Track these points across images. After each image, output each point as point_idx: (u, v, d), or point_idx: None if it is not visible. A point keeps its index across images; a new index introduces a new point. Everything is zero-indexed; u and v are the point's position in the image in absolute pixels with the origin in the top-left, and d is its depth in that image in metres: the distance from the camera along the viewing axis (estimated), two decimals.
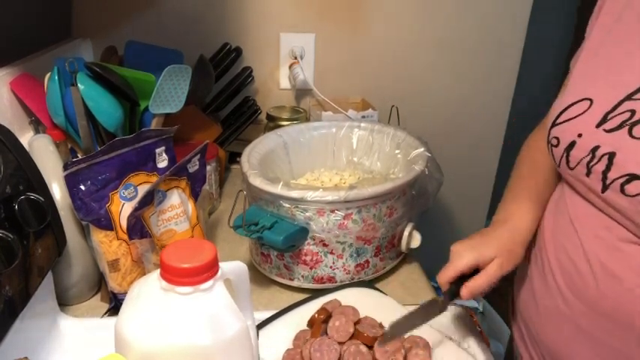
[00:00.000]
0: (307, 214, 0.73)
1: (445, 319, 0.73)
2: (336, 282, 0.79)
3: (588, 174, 0.55)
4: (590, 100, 0.57)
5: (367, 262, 0.79)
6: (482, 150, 1.43)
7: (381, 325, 0.66)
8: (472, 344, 0.68)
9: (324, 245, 0.76)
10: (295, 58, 1.26)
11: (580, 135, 0.57)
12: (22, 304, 0.58)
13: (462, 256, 0.65)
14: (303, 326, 0.68)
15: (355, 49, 1.28)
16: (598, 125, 0.55)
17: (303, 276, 0.79)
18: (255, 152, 0.87)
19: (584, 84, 0.60)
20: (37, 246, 0.61)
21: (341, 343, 0.62)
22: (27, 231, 0.59)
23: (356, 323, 0.65)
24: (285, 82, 1.30)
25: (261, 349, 0.58)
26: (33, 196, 0.61)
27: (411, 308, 0.66)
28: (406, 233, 0.82)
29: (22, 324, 0.59)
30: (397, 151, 0.92)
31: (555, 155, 0.61)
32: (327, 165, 0.99)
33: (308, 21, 1.24)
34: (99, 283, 0.77)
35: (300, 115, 1.13)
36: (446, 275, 0.66)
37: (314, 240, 0.75)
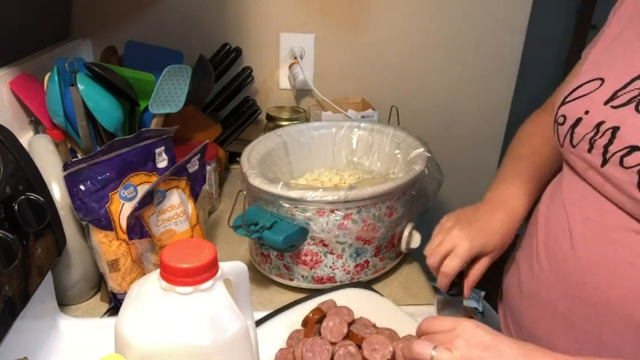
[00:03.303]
0: (307, 214, 0.73)
1: None
2: (335, 282, 0.79)
3: (590, 149, 0.55)
4: (602, 79, 0.57)
5: (367, 262, 0.79)
6: (482, 150, 1.43)
7: (374, 326, 0.66)
8: None
9: (324, 245, 0.76)
10: (295, 58, 1.26)
11: (587, 112, 0.56)
12: (21, 304, 0.58)
13: (466, 247, 0.64)
14: (298, 326, 0.68)
15: (355, 49, 1.28)
16: (606, 102, 0.55)
17: (302, 276, 0.79)
18: (255, 152, 0.87)
19: (598, 66, 0.60)
20: (37, 246, 0.61)
21: (333, 344, 0.61)
22: (27, 231, 0.59)
23: (350, 324, 0.64)
24: (284, 82, 1.30)
25: None
26: (33, 196, 0.61)
27: (409, 309, 0.66)
28: (406, 233, 0.82)
29: (21, 324, 0.59)
30: (397, 151, 0.92)
31: (560, 134, 0.60)
32: (326, 165, 0.99)
33: (308, 21, 1.24)
34: (99, 283, 0.77)
35: (299, 115, 1.13)
36: (453, 268, 0.65)
37: (314, 240, 0.75)
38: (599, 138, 0.54)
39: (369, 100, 1.27)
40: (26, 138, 0.76)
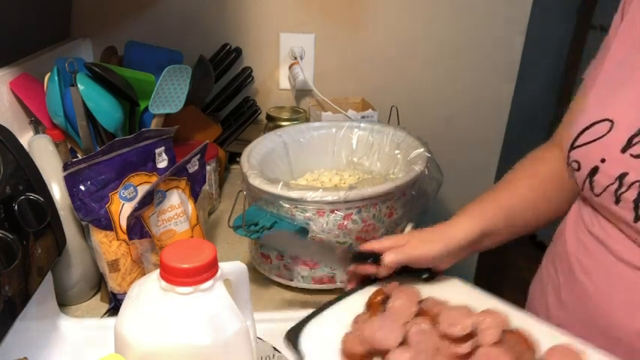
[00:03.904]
0: (307, 214, 0.73)
1: None
2: (335, 282, 0.79)
3: (617, 202, 0.53)
4: (611, 121, 0.54)
5: None
6: (482, 150, 1.43)
7: (445, 304, 0.59)
8: None
9: None
10: (295, 58, 1.26)
11: (603, 160, 0.54)
12: (21, 305, 0.58)
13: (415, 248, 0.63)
14: (361, 311, 0.62)
15: (355, 49, 1.28)
16: (623, 150, 0.52)
17: (302, 276, 0.79)
18: (255, 152, 0.87)
19: (605, 104, 0.57)
20: (37, 246, 0.61)
21: (404, 324, 0.55)
22: (27, 231, 0.59)
23: (419, 303, 0.59)
24: (284, 83, 1.30)
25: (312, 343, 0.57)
26: (33, 196, 0.61)
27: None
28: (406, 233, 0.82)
29: (21, 324, 0.59)
30: (397, 152, 0.92)
31: (578, 179, 0.59)
32: (326, 165, 0.99)
33: (308, 21, 1.24)
34: (99, 283, 0.77)
35: (299, 116, 1.13)
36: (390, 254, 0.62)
37: (314, 240, 0.75)
38: (626, 191, 0.52)
39: (369, 100, 1.27)
40: (26, 138, 0.76)
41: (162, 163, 0.76)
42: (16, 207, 0.58)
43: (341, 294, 0.67)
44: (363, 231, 0.75)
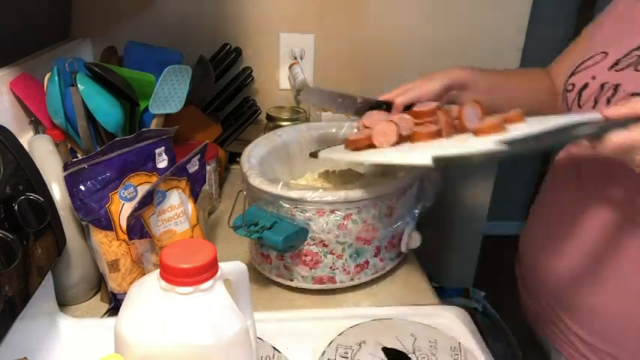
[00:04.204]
0: (307, 214, 0.73)
1: (445, 319, 0.73)
2: (335, 282, 0.79)
3: (595, 105, 0.64)
4: (606, 52, 0.66)
5: (367, 262, 0.79)
6: None
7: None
8: (472, 344, 0.68)
9: (324, 245, 0.76)
10: (295, 58, 1.26)
11: (594, 77, 0.66)
12: (21, 304, 0.58)
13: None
14: None
15: (355, 49, 1.28)
16: (610, 68, 0.64)
17: (302, 276, 0.79)
18: (255, 152, 0.87)
19: (602, 42, 0.70)
20: (37, 246, 0.61)
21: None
22: (27, 231, 0.59)
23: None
24: (285, 83, 1.30)
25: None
26: (33, 196, 0.61)
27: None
28: (406, 233, 0.82)
29: (21, 324, 0.59)
30: None
31: (568, 100, 0.70)
32: (327, 165, 0.99)
33: (308, 21, 1.24)
34: (99, 283, 0.77)
35: (300, 116, 1.13)
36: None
37: (314, 240, 0.75)
38: (603, 95, 0.62)
39: None
40: (26, 138, 0.76)
41: (163, 163, 0.76)
42: (16, 207, 0.58)
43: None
44: (363, 231, 0.75)
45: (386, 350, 0.66)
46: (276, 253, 0.78)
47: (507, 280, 0.84)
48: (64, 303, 0.74)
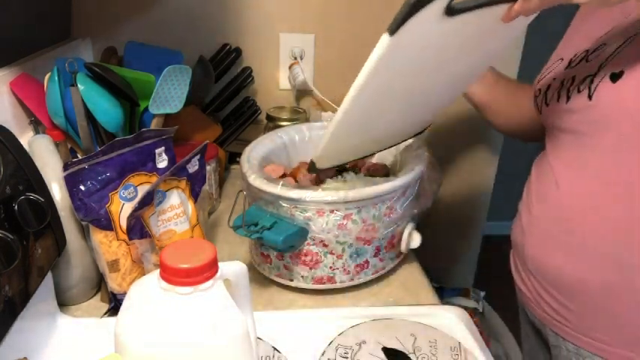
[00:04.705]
0: (307, 214, 0.73)
1: (445, 319, 0.73)
2: (335, 282, 0.79)
3: (558, 98, 0.71)
4: (562, 58, 0.75)
5: (367, 262, 0.79)
6: (482, 150, 1.43)
7: None
8: (472, 344, 0.68)
9: (324, 245, 0.76)
10: (295, 58, 1.26)
11: (554, 79, 0.74)
12: (21, 304, 0.58)
13: None
14: None
15: (355, 49, 1.28)
16: (566, 68, 0.72)
17: (302, 276, 0.79)
18: (255, 152, 0.87)
19: (561, 50, 0.79)
20: (37, 246, 0.61)
21: None
22: (27, 231, 0.59)
23: None
24: (284, 83, 1.30)
25: None
26: (33, 196, 0.61)
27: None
28: (406, 233, 0.82)
29: (21, 324, 0.59)
30: (397, 152, 0.92)
31: (538, 104, 0.78)
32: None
33: (308, 21, 1.24)
34: (99, 283, 0.77)
35: (299, 116, 1.13)
36: None
37: (314, 240, 0.75)
38: (563, 89, 0.70)
39: None
40: (26, 138, 0.76)
41: (163, 163, 0.76)
42: (16, 207, 0.58)
43: None
44: (363, 231, 0.75)
45: (386, 350, 0.66)
46: (276, 253, 0.78)
47: (507, 280, 0.84)
48: (64, 303, 0.74)
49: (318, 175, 0.86)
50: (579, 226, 0.68)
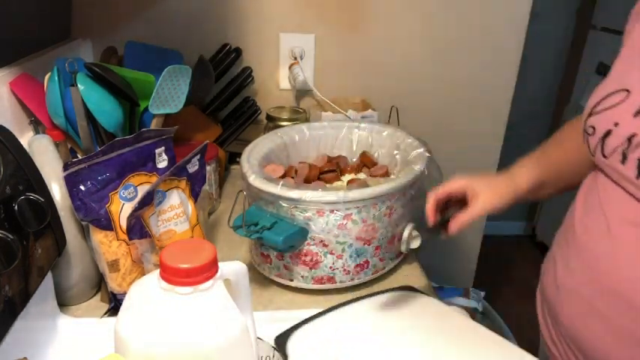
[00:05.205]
0: (307, 214, 0.73)
1: None
2: (335, 282, 0.79)
3: (624, 161, 0.56)
4: (628, 90, 0.58)
5: (367, 262, 0.79)
6: (482, 150, 1.43)
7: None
8: None
9: (324, 245, 0.76)
10: (295, 58, 1.26)
11: (617, 124, 0.57)
12: (21, 304, 0.58)
13: (454, 180, 0.71)
14: (348, 322, 0.71)
15: (355, 49, 1.28)
16: (635, 115, 0.56)
17: (302, 276, 0.79)
18: (255, 152, 0.87)
19: (623, 77, 0.60)
20: (37, 246, 0.61)
21: None
22: (27, 231, 0.59)
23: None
24: (284, 83, 1.30)
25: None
26: (33, 196, 0.61)
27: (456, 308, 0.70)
28: (406, 233, 0.82)
29: (21, 324, 0.59)
30: (396, 152, 0.92)
31: (590, 144, 0.62)
32: None
33: (308, 21, 1.24)
34: (99, 283, 0.77)
35: (299, 116, 1.13)
36: (436, 194, 0.70)
37: (314, 240, 0.75)
38: (632, 151, 0.55)
39: (369, 100, 1.27)
40: (26, 138, 0.76)
41: (163, 163, 0.76)
42: (16, 207, 0.58)
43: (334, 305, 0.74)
44: (363, 231, 0.75)
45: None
46: (276, 253, 0.78)
47: (507, 280, 0.83)
48: (64, 303, 0.74)
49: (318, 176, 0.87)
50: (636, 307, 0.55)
